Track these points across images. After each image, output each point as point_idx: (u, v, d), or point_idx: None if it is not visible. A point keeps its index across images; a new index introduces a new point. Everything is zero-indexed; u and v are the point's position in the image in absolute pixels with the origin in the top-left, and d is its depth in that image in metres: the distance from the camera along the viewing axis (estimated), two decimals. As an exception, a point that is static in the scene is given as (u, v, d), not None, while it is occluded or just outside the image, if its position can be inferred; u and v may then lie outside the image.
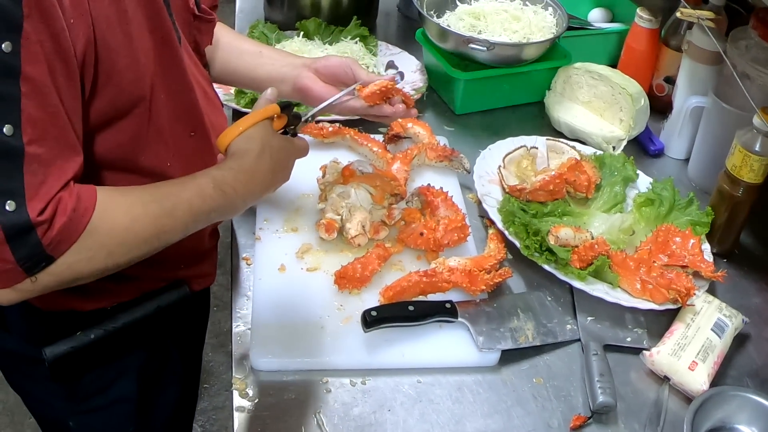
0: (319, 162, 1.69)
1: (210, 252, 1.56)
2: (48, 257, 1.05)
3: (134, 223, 1.13)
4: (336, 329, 1.43)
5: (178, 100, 1.29)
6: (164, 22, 1.23)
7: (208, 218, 1.25)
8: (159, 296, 1.42)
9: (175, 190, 1.20)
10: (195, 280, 1.50)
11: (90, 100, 1.14)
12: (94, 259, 1.10)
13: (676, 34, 2.05)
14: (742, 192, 1.65)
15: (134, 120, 1.22)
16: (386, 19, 2.51)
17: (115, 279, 1.32)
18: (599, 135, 1.97)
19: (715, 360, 1.45)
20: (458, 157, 1.80)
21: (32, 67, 1.00)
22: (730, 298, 1.59)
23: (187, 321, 1.58)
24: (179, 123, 1.31)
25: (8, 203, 0.99)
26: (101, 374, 1.46)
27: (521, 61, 2.04)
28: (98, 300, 1.37)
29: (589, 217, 1.72)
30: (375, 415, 1.33)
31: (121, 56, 1.14)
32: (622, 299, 1.53)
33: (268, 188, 1.36)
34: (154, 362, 1.52)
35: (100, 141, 1.20)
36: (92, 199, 1.08)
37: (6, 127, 0.99)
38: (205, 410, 2.97)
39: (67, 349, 1.33)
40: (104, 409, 1.50)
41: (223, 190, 1.23)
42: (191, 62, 1.37)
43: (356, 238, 1.55)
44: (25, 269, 1.04)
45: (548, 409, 1.38)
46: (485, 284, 1.49)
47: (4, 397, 2.97)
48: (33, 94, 1.01)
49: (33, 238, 1.02)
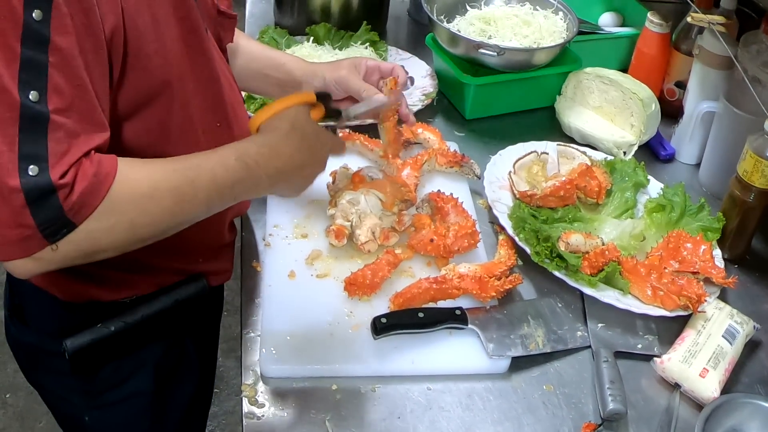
0: (329, 168, 1.69)
1: (228, 247, 1.56)
2: (69, 223, 1.04)
3: (156, 192, 1.12)
4: (346, 336, 1.42)
5: (206, 90, 1.31)
6: (191, 11, 1.25)
7: (232, 192, 1.22)
8: (177, 290, 1.42)
9: (198, 161, 1.19)
10: (212, 276, 1.50)
11: (119, 85, 1.15)
12: (115, 228, 1.10)
13: (687, 39, 2.04)
14: (753, 197, 1.64)
15: (162, 107, 1.22)
16: (396, 24, 2.51)
17: (134, 270, 1.35)
18: (610, 140, 1.96)
19: (726, 367, 1.44)
20: (468, 163, 1.80)
21: (61, 38, 1.01)
22: (742, 305, 1.58)
23: (204, 317, 1.59)
24: (208, 112, 1.32)
25: (31, 168, 1.00)
26: (118, 368, 1.46)
27: (532, 66, 2.04)
28: (117, 291, 1.38)
29: (600, 223, 1.71)
30: (385, 422, 1.33)
31: (149, 40, 1.15)
32: (633, 306, 1.52)
33: (296, 171, 1.33)
34: (170, 357, 1.52)
35: (128, 127, 1.20)
36: (113, 166, 1.08)
37: (32, 93, 1.00)
38: (216, 415, 2.97)
39: (87, 341, 1.33)
40: (120, 403, 1.51)
41: (245, 162, 1.22)
42: (218, 55, 1.38)
43: (366, 244, 1.55)
44: (45, 236, 1.04)
45: (558, 416, 1.38)
46: (495, 291, 1.49)
47: (14, 401, 2.98)
48: (61, 65, 1.02)
49: (54, 201, 1.02)
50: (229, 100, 1.38)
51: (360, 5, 2.31)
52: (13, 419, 2.93)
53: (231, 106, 1.38)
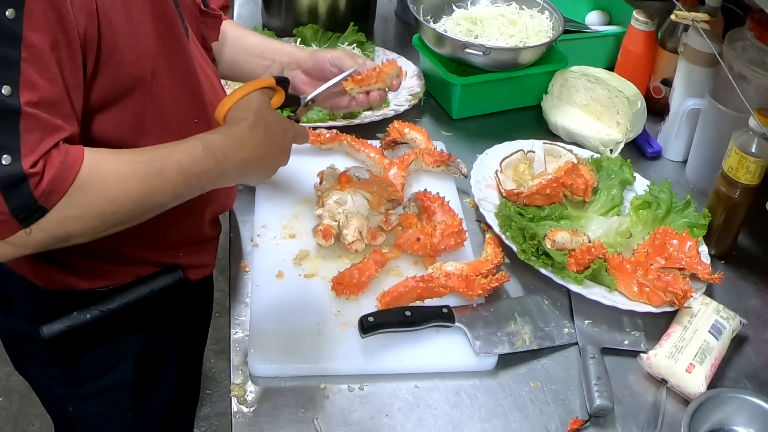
0: (317, 168, 1.70)
1: (210, 242, 1.57)
2: (40, 208, 1.08)
3: (124, 181, 1.16)
4: (333, 335, 1.43)
5: (183, 86, 1.33)
6: (168, 10, 1.28)
7: (200, 182, 1.25)
8: (153, 280, 1.45)
9: (165, 151, 1.22)
10: (192, 269, 1.52)
11: (92, 78, 1.18)
12: (85, 216, 1.13)
13: (672, 37, 2.05)
14: (738, 194, 1.65)
15: (135, 101, 1.26)
16: (383, 25, 2.51)
17: (112, 260, 1.39)
18: (596, 138, 1.97)
19: (713, 362, 1.45)
20: (455, 162, 1.80)
21: (34, 35, 1.05)
22: (728, 300, 1.59)
23: (186, 312, 1.60)
24: (183, 108, 1.35)
25: (4, 157, 1.04)
26: (99, 358, 1.48)
27: (518, 65, 2.05)
28: (94, 280, 1.41)
29: (586, 221, 1.72)
30: (373, 420, 1.34)
31: (123, 35, 1.19)
32: (619, 302, 1.53)
33: (261, 162, 1.36)
34: (152, 349, 1.54)
35: (101, 120, 1.23)
36: (80, 154, 1.11)
37: (5, 87, 1.04)
38: (208, 416, 2.97)
39: (63, 327, 1.36)
40: (102, 394, 1.53)
41: (213, 153, 1.25)
42: (198, 53, 1.41)
43: (353, 244, 1.55)
44: (19, 220, 1.08)
45: (546, 413, 1.38)
46: (482, 289, 1.50)
47: (6, 405, 2.97)
48: (33, 60, 1.06)
49: (26, 189, 1.06)
50: (209, 98, 1.40)
51: (347, 6, 2.31)
52: (5, 422, 2.93)
53: (210, 104, 1.40)
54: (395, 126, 1.85)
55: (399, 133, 1.84)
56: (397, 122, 1.86)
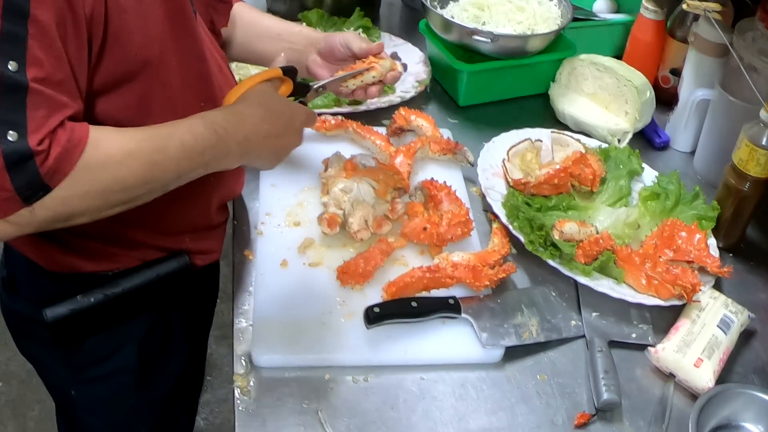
0: (322, 155, 1.69)
1: (217, 228, 1.56)
2: (45, 186, 1.07)
3: (127, 159, 1.15)
4: (338, 325, 1.41)
5: (190, 69, 1.33)
6: None
7: (203, 158, 1.24)
8: (159, 265, 1.44)
9: (168, 129, 1.22)
10: (199, 255, 1.51)
11: (98, 60, 1.17)
12: (89, 194, 1.13)
13: (682, 26, 2.03)
14: (748, 186, 1.63)
15: (142, 83, 1.25)
16: (389, 10, 2.49)
17: (119, 244, 1.39)
18: (604, 127, 1.95)
19: (721, 357, 1.43)
20: (462, 150, 1.78)
21: (41, 11, 1.04)
22: (736, 294, 1.58)
23: (191, 298, 1.59)
24: (190, 91, 1.34)
25: (10, 133, 1.03)
26: (102, 343, 1.47)
27: (526, 52, 2.03)
28: (99, 262, 1.40)
29: (594, 211, 1.70)
30: (378, 412, 1.32)
31: (130, 17, 1.18)
32: (627, 295, 1.52)
33: (265, 141, 1.35)
34: (155, 335, 1.53)
35: (107, 101, 1.23)
36: (85, 133, 1.11)
37: (11, 63, 1.03)
38: (209, 402, 2.97)
39: (67, 311, 1.36)
40: (105, 379, 1.52)
41: (214, 129, 1.24)
42: (207, 37, 1.41)
43: (359, 232, 1.54)
44: (23, 198, 1.07)
45: (552, 406, 1.37)
46: (489, 280, 1.48)
47: (6, 389, 2.97)
48: (40, 36, 1.05)
49: (32, 166, 1.05)
50: (217, 82, 1.40)
51: (353, -9, 2.29)
52: (5, 407, 2.92)
53: (219, 88, 1.39)
54: (401, 113, 1.83)
55: (405, 120, 1.83)
56: (403, 109, 1.85)
